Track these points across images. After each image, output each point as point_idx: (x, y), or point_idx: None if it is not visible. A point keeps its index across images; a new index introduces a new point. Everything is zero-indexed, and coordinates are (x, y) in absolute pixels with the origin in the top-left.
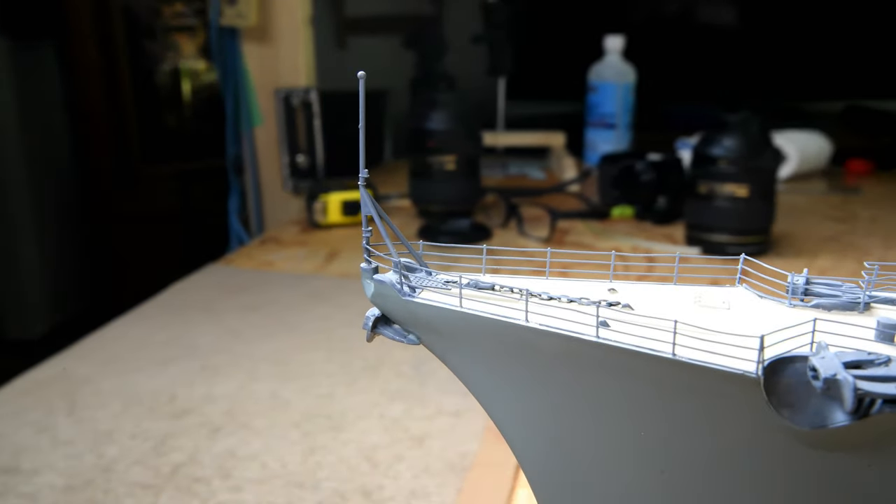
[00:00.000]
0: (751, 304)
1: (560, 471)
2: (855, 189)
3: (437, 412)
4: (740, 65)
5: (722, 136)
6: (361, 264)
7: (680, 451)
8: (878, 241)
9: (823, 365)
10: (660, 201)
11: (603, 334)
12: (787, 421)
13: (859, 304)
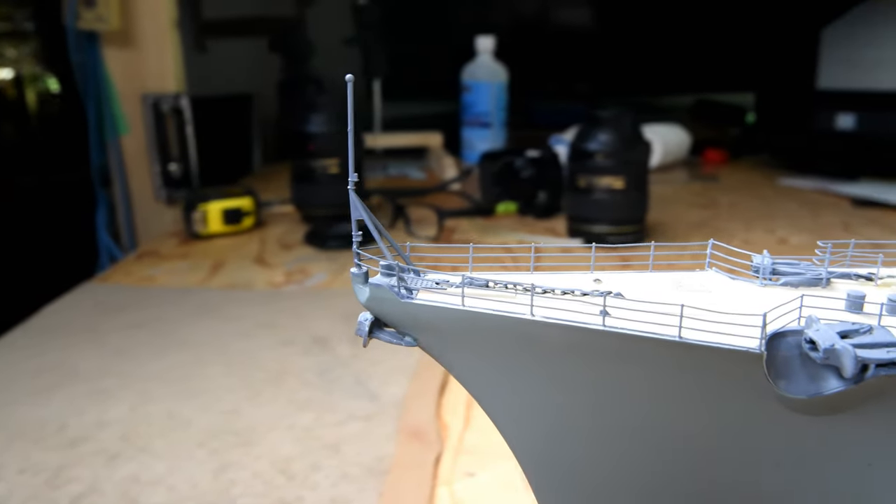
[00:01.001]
0: (726, 286)
1: (561, 463)
2: (713, 177)
3: (349, 418)
4: (600, 63)
5: (597, 131)
6: (352, 269)
7: (681, 432)
8: (740, 225)
9: (820, 337)
10: (540, 196)
11: (607, 323)
12: (783, 392)
13: (822, 279)
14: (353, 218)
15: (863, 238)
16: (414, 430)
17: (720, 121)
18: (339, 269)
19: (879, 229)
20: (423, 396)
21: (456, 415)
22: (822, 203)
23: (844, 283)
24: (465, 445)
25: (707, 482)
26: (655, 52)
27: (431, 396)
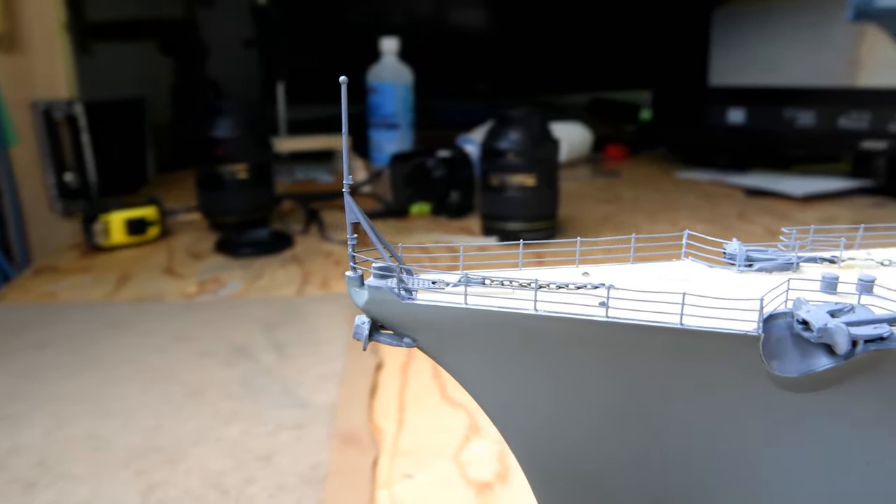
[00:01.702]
0: (706, 274)
1: (560, 457)
2: (615, 173)
3: (278, 427)
4: (499, 63)
5: (507, 130)
6: (347, 273)
7: (678, 418)
8: (644, 218)
9: (813, 317)
10: (452, 196)
11: (601, 312)
12: (776, 371)
13: (792, 264)
14: (349, 220)
15: (756, 226)
16: (348, 435)
17: (615, 118)
18: (253, 277)
19: (773, 217)
20: (353, 401)
21: (389, 418)
22: (718, 194)
23: (811, 267)
24: (401, 448)
25: (703, 466)
26: (553, 51)
27: (362, 401)
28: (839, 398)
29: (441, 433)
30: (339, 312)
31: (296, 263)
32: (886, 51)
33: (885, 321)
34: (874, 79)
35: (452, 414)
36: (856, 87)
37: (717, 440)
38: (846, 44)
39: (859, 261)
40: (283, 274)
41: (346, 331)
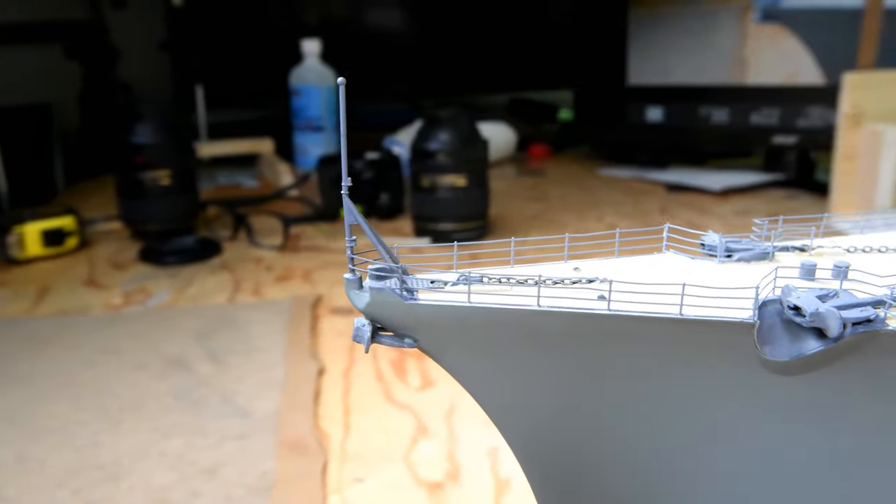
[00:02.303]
0: (690, 265)
1: (562, 455)
2: (540, 171)
3: (222, 438)
4: (419, 64)
5: (437, 131)
6: (345, 275)
7: (674, 408)
8: (572, 215)
9: (804, 302)
10: (382, 198)
11: (602, 306)
12: (768, 356)
13: (769, 254)
14: (347, 223)
15: (678, 220)
16: (294, 442)
17: (534, 118)
18: (182, 286)
19: (693, 211)
20: (297, 408)
21: (335, 423)
22: (640, 190)
23: (785, 255)
24: (349, 452)
25: (699, 454)
26: (473, 52)
27: (306, 407)
28: (826, 379)
29: (389, 436)
30: (274, 319)
31: (226, 271)
32: (768, 51)
33: (869, 304)
34: (760, 77)
35: (398, 416)
36: (766, 85)
37: (710, 426)
38: (732, 45)
39: (827, 248)
40: (213, 282)
41: (282, 337)
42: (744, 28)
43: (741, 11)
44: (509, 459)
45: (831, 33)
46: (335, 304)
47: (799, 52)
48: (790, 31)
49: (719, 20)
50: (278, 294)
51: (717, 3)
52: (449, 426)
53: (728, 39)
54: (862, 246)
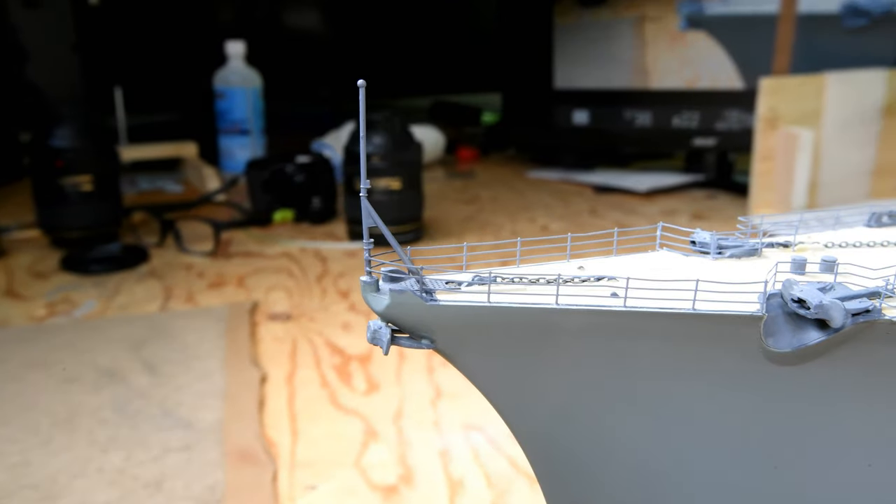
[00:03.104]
0: (685, 262)
1: (574, 455)
2: (469, 174)
3: (164, 451)
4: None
5: (370, 134)
6: (362, 278)
7: (682, 401)
8: (505, 217)
9: (808, 295)
10: (314, 201)
11: (615, 303)
12: (772, 347)
13: (757, 250)
14: (365, 225)
15: (608, 220)
16: (241, 452)
17: (457, 121)
18: (109, 295)
19: (621, 212)
20: (242, 417)
21: (282, 430)
22: (569, 192)
23: (771, 251)
24: (299, 459)
25: (705, 444)
26: (396, 55)
27: (251, 415)
28: (824, 367)
29: (338, 441)
30: (210, 327)
31: (155, 278)
32: (667, 59)
33: (865, 295)
34: (665, 82)
35: (347, 421)
36: (688, 90)
37: (715, 415)
38: (637, 53)
39: (809, 244)
40: (143, 290)
41: (220, 345)
42: (643, 36)
43: (640, 21)
44: (461, 460)
45: (750, 39)
46: (272, 309)
47: (703, 57)
48: (712, 37)
49: (622, 30)
50: (213, 301)
51: (628, 12)
52: (398, 429)
53: (631, 48)
54: (838, 241)
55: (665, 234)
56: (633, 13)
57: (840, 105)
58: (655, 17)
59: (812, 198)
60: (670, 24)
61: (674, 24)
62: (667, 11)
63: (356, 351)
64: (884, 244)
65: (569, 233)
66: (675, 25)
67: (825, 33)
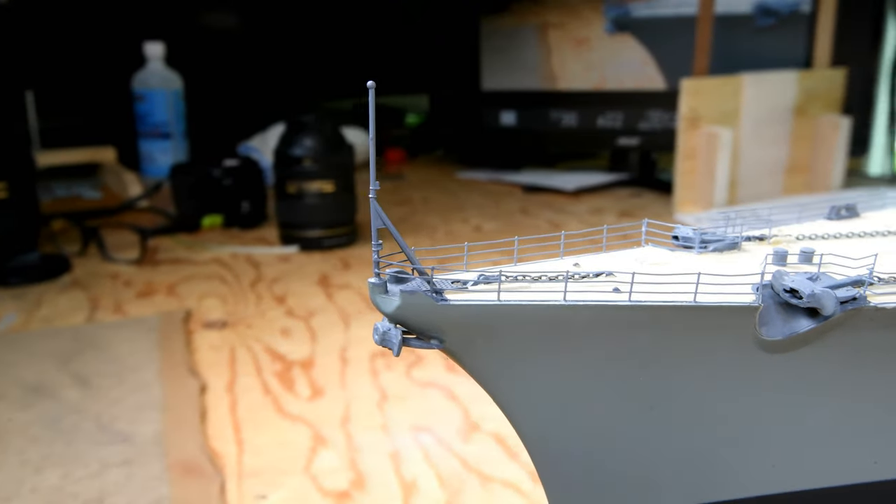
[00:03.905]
0: (672, 257)
1: (579, 451)
2: (399, 175)
3: (103, 467)
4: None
5: (301, 137)
6: (370, 280)
7: (683, 391)
8: (438, 218)
9: (800, 285)
10: (244, 206)
11: (619, 297)
12: (764, 336)
13: (738, 243)
14: (374, 226)
15: (540, 219)
16: (185, 464)
17: (381, 123)
18: (31, 308)
19: (552, 211)
20: (183, 428)
21: (226, 441)
22: (499, 192)
23: (749, 244)
24: (246, 469)
25: (704, 434)
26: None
27: (193, 426)
28: (813, 354)
29: (286, 448)
30: (142, 337)
31: (79, 289)
32: (573, 62)
33: (849, 284)
34: (572, 84)
35: (293, 428)
36: (611, 90)
37: (713, 401)
38: (542, 57)
39: (782, 237)
40: (67, 301)
41: (154, 355)
42: (547, 42)
43: (543, 28)
44: (412, 461)
45: (670, 40)
46: (207, 317)
47: (616, 59)
48: (636, 40)
49: (527, 36)
50: (143, 311)
51: (531, 20)
52: (346, 434)
53: (536, 53)
54: (808, 234)
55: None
56: (537, 20)
57: (756, 105)
58: (558, 24)
59: (732, 194)
60: (574, 29)
61: (577, 29)
62: (570, 17)
63: (297, 356)
64: (848, 235)
65: (515, 236)
66: (601, 28)
67: (741, 34)
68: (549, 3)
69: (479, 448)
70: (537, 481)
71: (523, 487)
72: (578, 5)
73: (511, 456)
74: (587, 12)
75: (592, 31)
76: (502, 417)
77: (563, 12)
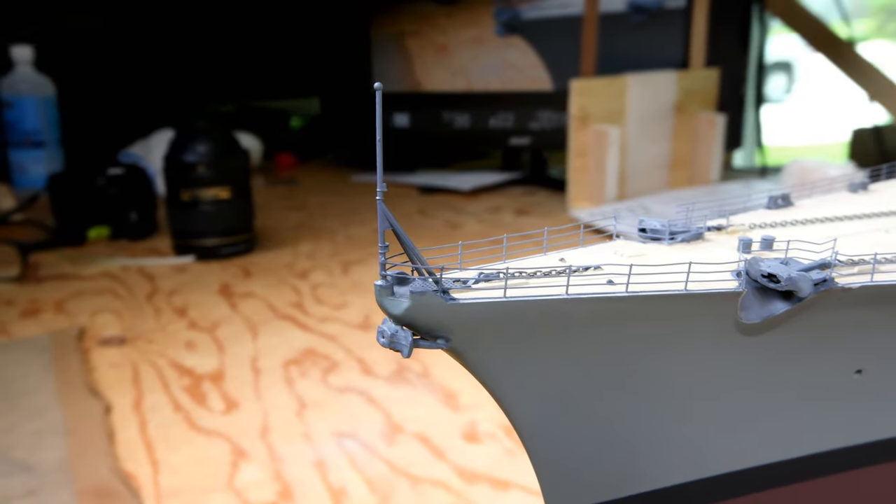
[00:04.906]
0: (647, 249)
1: (577, 447)
2: (291, 180)
3: (5, 499)
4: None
5: (193, 143)
6: (377, 282)
7: (668, 374)
8: (336, 222)
9: (777, 270)
10: (132, 216)
11: (616, 289)
12: (743, 319)
13: (702, 234)
14: (381, 228)
15: (439, 220)
16: (97, 489)
17: (263, 126)
18: None
19: (451, 211)
20: (91, 451)
21: (139, 462)
22: (395, 194)
23: (710, 235)
24: (164, 489)
25: (686, 419)
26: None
27: (101, 449)
28: (785, 334)
29: (205, 465)
30: (33, 359)
31: None
32: (435, 66)
33: (817, 267)
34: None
35: (210, 443)
36: (503, 91)
37: (697, 388)
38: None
39: (737, 226)
40: None
41: (49, 377)
42: (407, 49)
43: (400, 36)
44: (338, 468)
45: (557, 41)
46: (102, 334)
47: (495, 64)
48: (526, 41)
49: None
50: (30, 331)
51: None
52: (267, 445)
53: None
54: (758, 223)
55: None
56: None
57: (640, 104)
58: (415, 32)
59: (621, 189)
60: (433, 37)
61: (438, 37)
62: (428, 27)
63: (206, 370)
64: (793, 223)
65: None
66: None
67: (618, 32)
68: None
69: (404, 450)
70: (465, 478)
71: (452, 485)
72: (469, 8)
73: (437, 455)
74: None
75: (484, 32)
76: (425, 418)
77: (417, 20)
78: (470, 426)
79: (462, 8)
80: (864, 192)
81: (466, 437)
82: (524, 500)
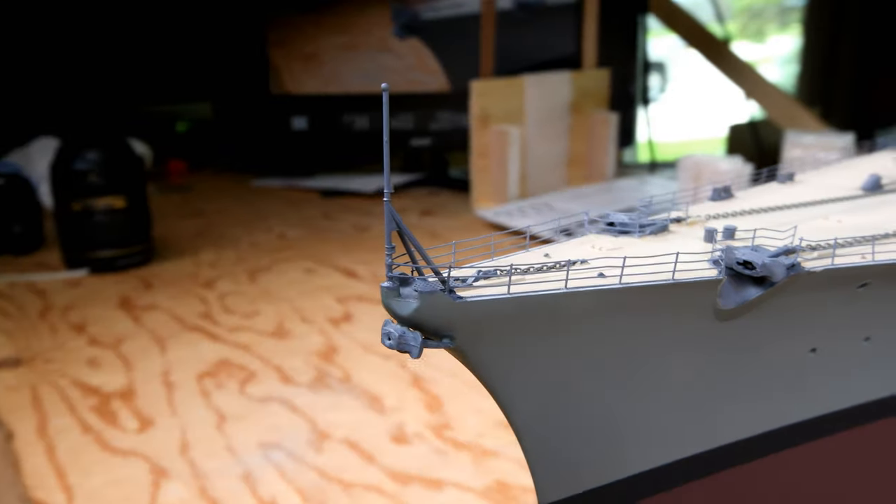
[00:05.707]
0: (621, 242)
1: (573, 440)
2: (185, 187)
3: None
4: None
5: (83, 149)
6: (383, 284)
7: (654, 360)
8: (239, 228)
9: (752, 257)
10: (15, 229)
11: (607, 281)
12: (721, 305)
13: (667, 226)
14: (387, 230)
15: (345, 223)
16: None
17: (149, 131)
18: None
19: (355, 214)
20: None
21: (50, 488)
22: (297, 199)
23: (674, 226)
24: None
25: (671, 402)
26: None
27: (7, 478)
28: (756, 318)
29: (123, 487)
30: None
31: None
32: (301, 71)
33: (783, 253)
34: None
35: (126, 464)
36: (402, 93)
37: (676, 364)
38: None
39: (695, 217)
40: None
41: None
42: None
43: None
44: (268, 481)
45: (453, 42)
46: None
47: (395, 65)
48: (423, 43)
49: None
50: None
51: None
52: (189, 462)
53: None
54: (713, 214)
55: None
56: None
57: (537, 104)
58: (313, 35)
59: (523, 188)
60: (334, 38)
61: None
62: (326, 29)
63: (113, 387)
64: (741, 213)
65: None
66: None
67: (509, 31)
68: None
69: (333, 456)
70: (398, 480)
71: (385, 488)
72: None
73: (367, 460)
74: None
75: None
76: (351, 423)
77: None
78: (397, 428)
79: (361, 10)
80: (792, 184)
81: (395, 440)
82: (459, 497)
